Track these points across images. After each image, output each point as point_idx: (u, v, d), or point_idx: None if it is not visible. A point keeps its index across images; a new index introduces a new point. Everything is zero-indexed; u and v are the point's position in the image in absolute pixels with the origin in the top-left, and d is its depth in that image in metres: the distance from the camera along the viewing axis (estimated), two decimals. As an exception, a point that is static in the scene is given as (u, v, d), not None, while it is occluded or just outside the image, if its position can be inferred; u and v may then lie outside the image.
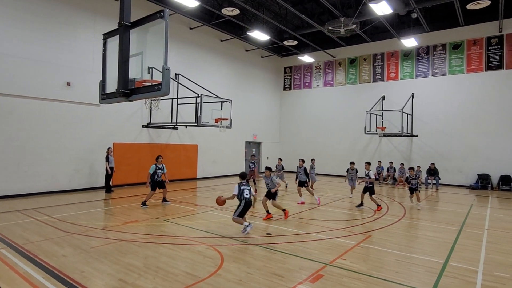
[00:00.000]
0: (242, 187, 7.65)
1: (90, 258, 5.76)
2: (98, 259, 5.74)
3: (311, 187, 13.95)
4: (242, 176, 7.96)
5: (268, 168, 9.55)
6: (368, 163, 11.56)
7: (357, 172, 13.77)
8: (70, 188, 13.01)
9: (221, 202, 7.67)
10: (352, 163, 13.53)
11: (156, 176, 10.46)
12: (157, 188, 10.57)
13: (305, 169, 12.20)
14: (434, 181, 17.14)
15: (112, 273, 5.15)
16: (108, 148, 13.27)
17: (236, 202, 7.72)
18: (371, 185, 10.86)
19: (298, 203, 11.60)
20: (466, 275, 5.39)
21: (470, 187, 17.36)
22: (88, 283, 4.76)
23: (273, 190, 9.14)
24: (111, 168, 13.02)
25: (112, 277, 5.02)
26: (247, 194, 7.61)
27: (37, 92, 12.09)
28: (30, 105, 11.92)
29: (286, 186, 15.65)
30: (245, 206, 7.59)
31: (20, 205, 10.30)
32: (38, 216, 8.83)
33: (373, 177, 10.92)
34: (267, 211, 9.17)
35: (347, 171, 13.62)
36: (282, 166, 15.76)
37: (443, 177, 17.74)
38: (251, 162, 15.60)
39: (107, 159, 12.98)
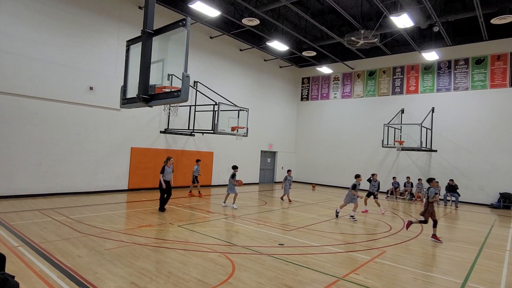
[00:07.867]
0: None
1: (104, 260, 5.83)
2: (112, 261, 5.81)
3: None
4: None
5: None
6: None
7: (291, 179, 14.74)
8: (88, 190, 13.29)
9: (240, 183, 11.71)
10: (289, 170, 14.67)
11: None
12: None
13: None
14: (453, 198, 16.63)
15: (124, 276, 5.19)
16: (169, 159, 10.73)
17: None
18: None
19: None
20: (486, 298, 5.17)
21: (491, 206, 16.74)
22: (100, 285, 4.82)
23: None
24: (166, 182, 10.56)
25: (125, 280, 5.06)
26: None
27: (61, 96, 12.50)
28: (54, 107, 12.33)
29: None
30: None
31: (39, 204, 10.58)
32: (56, 216, 9.04)
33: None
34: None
35: (285, 178, 14.40)
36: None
37: (463, 194, 17.19)
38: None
39: (162, 171, 10.54)
